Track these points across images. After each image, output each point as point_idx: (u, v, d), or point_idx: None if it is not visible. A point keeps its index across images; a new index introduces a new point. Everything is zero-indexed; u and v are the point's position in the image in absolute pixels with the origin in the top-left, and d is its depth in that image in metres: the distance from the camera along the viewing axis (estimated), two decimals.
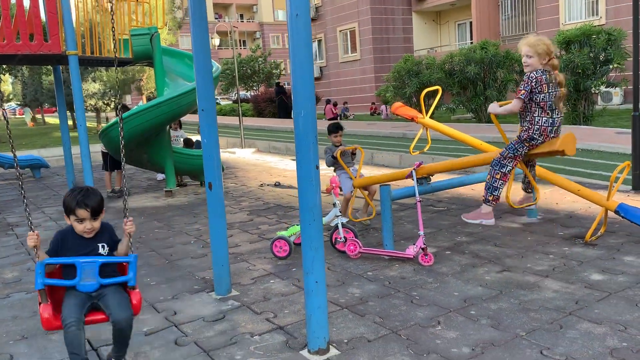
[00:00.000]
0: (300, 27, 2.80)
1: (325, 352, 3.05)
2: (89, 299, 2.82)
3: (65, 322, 2.70)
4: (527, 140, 4.23)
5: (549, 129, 4.14)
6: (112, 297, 2.83)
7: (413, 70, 16.96)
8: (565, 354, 2.90)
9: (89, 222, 2.88)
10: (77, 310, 2.76)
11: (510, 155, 4.25)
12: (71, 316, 2.71)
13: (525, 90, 4.13)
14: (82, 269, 2.77)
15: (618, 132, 10.76)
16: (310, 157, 2.92)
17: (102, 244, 2.96)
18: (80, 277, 2.77)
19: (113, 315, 2.78)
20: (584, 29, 12.72)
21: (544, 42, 4.22)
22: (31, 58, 7.90)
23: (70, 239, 2.92)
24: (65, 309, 2.76)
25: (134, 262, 2.91)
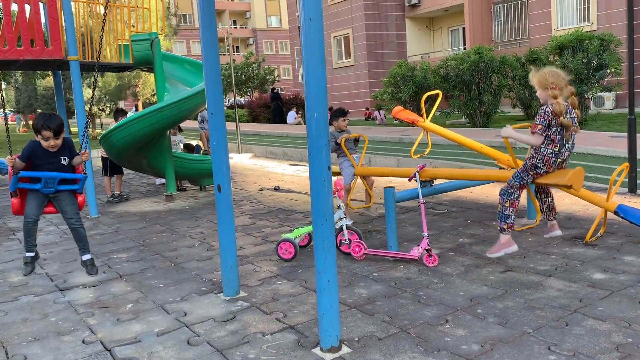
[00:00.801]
0: (314, 30, 2.86)
1: (337, 350, 3.10)
2: (47, 198, 4.15)
3: (27, 217, 4.05)
4: (531, 168, 4.19)
5: (552, 159, 4.09)
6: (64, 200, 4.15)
7: (408, 76, 17.11)
8: (572, 349, 2.97)
9: (52, 140, 3.92)
10: (37, 208, 4.10)
11: (516, 184, 4.24)
12: (32, 213, 4.07)
13: (543, 125, 4.04)
14: (45, 180, 4.01)
15: (612, 135, 10.91)
16: (323, 158, 2.98)
17: (63, 156, 4.12)
18: (44, 184, 4.02)
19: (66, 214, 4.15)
20: (577, 35, 12.92)
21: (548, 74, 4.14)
22: (32, 63, 7.93)
23: (39, 151, 4.00)
24: (28, 205, 4.06)
25: (83, 179, 4.20)
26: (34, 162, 4.09)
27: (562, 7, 21.02)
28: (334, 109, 6.19)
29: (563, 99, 4.18)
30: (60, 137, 3.98)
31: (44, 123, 3.88)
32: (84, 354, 3.29)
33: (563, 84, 4.10)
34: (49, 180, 4.01)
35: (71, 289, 4.55)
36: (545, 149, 4.10)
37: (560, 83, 4.09)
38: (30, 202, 4.11)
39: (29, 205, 4.11)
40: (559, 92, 4.08)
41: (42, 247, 6.08)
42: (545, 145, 4.10)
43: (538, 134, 4.07)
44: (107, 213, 8.08)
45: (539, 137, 4.08)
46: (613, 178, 4.75)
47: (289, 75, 54.38)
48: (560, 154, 4.09)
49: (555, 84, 4.07)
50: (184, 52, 55.25)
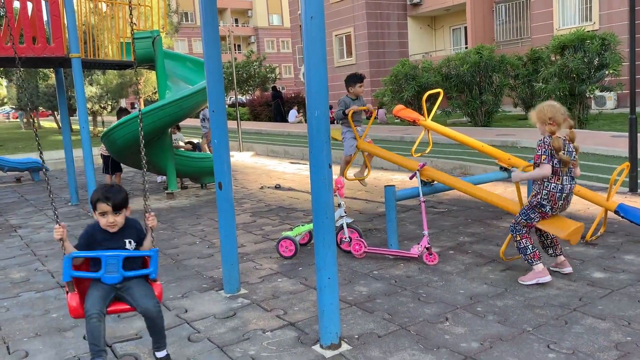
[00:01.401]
0: (315, 29, 2.87)
1: (337, 347, 3.12)
2: (113, 291, 2.98)
3: (88, 313, 2.86)
4: (537, 206, 4.14)
5: (557, 195, 4.04)
6: (137, 289, 2.99)
7: (410, 75, 17.10)
8: (572, 347, 2.98)
9: (111, 216, 3.00)
10: (99, 302, 2.91)
11: (523, 222, 4.20)
12: (94, 308, 2.87)
13: (547, 155, 4.02)
14: (107, 262, 2.93)
15: (613, 135, 10.90)
16: (324, 156, 3.00)
17: (128, 239, 3.09)
18: (105, 270, 2.94)
19: (140, 305, 2.95)
20: (579, 34, 12.90)
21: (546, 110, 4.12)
22: (34, 61, 7.94)
23: (98, 234, 3.06)
24: (88, 301, 2.92)
25: (155, 256, 3.04)
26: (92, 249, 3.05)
27: (564, 6, 20.99)
28: (351, 74, 5.96)
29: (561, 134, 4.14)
30: (121, 213, 3.04)
31: (102, 195, 3.01)
32: (85, 349, 3.30)
33: (561, 119, 4.06)
34: (112, 261, 2.94)
35: None
36: (548, 183, 4.02)
37: (558, 118, 4.04)
38: (92, 295, 2.96)
39: (90, 299, 2.94)
40: (557, 127, 4.05)
41: (43, 244, 6.11)
42: (549, 180, 4.03)
43: (545, 164, 4.00)
44: None
45: (546, 167, 3.97)
46: (613, 177, 4.75)
47: (290, 74, 54.37)
48: (564, 188, 4.03)
49: (553, 120, 4.03)
50: (185, 50, 55.24)
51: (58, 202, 9.04)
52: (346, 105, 5.81)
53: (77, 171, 9.74)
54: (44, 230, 6.88)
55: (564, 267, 4.21)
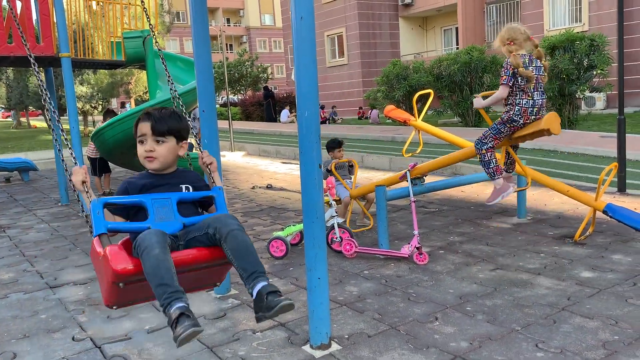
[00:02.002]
0: (305, 29, 2.87)
1: (327, 347, 3.12)
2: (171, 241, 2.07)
3: (144, 244, 1.93)
4: (508, 121, 4.25)
5: (530, 110, 4.16)
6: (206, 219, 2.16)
7: (401, 75, 17.15)
8: (560, 347, 3.00)
9: (150, 141, 2.19)
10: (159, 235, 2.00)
11: (491, 134, 4.28)
12: (152, 238, 1.96)
13: (507, 75, 4.16)
14: (154, 206, 2.10)
15: (602, 135, 10.99)
16: (313, 156, 3.00)
17: (186, 185, 2.31)
18: (155, 216, 2.11)
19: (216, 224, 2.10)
20: (568, 35, 12.99)
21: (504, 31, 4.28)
22: (24, 60, 7.88)
23: (144, 184, 2.22)
24: (140, 236, 1.99)
25: (221, 194, 2.31)
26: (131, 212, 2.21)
27: (554, 7, 21.13)
28: (329, 140, 6.13)
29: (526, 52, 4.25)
30: (165, 143, 2.23)
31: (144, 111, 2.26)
32: (73, 351, 3.29)
33: (522, 39, 4.20)
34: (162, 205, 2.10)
35: (61, 287, 4.54)
36: (520, 99, 4.16)
37: (518, 38, 4.18)
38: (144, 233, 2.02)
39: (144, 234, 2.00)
40: (517, 47, 4.18)
41: (32, 245, 6.07)
42: (519, 97, 4.16)
43: (503, 84, 4.16)
44: None
45: (503, 88, 4.18)
46: (602, 177, 4.79)
47: (282, 74, 54.34)
48: (535, 103, 4.15)
49: (511, 39, 4.17)
50: (177, 49, 55.04)
51: (47, 202, 8.98)
52: (327, 164, 5.92)
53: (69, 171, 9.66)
54: (33, 230, 6.83)
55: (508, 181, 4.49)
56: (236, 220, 2.16)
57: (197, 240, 2.15)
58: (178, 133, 2.25)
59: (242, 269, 2.12)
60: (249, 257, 2.12)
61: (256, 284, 2.11)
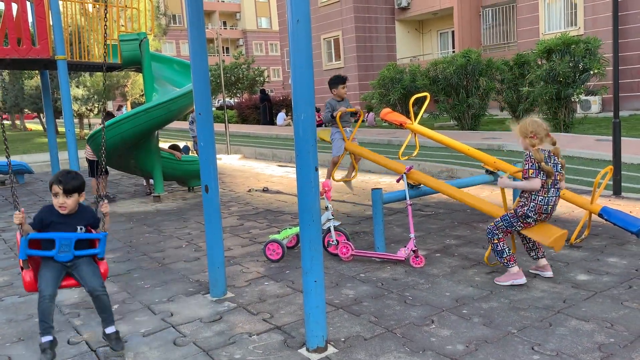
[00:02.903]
0: (301, 32, 2.88)
1: (323, 350, 3.12)
2: (64, 269, 3.30)
3: (42, 293, 3.18)
4: (522, 217, 4.18)
5: (544, 207, 4.11)
6: (85, 268, 3.32)
7: (396, 78, 17.18)
8: (555, 349, 3.00)
9: (62, 197, 3.26)
10: (52, 284, 3.22)
11: (503, 227, 4.21)
12: (47, 290, 3.19)
13: (534, 169, 4.07)
14: (60, 243, 3.24)
15: (597, 139, 11.03)
16: (310, 159, 3.00)
17: (80, 226, 3.38)
18: (58, 249, 3.24)
19: (87, 284, 3.28)
20: (564, 38, 13.05)
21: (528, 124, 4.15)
22: (19, 62, 7.86)
23: (52, 216, 3.33)
24: (42, 281, 3.23)
25: (104, 238, 3.40)
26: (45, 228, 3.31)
27: (550, 11, 21.24)
28: (333, 76, 6.07)
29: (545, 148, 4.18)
30: (72, 197, 3.27)
31: (57, 177, 3.29)
32: (69, 354, 3.28)
33: (543, 134, 4.11)
34: (64, 242, 3.22)
35: None
36: (536, 196, 4.06)
37: (540, 133, 4.09)
38: (44, 274, 3.25)
39: (43, 278, 3.23)
40: (538, 141, 4.10)
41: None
42: (537, 192, 4.07)
43: (534, 178, 4.04)
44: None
45: (536, 181, 4.01)
46: (597, 181, 4.81)
47: (278, 77, 54.36)
48: (549, 201, 4.08)
49: (534, 133, 4.08)
50: (173, 52, 55.04)
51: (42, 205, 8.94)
52: (333, 108, 5.84)
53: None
54: None
55: (545, 271, 4.24)
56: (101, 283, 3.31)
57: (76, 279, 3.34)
58: (78, 190, 3.31)
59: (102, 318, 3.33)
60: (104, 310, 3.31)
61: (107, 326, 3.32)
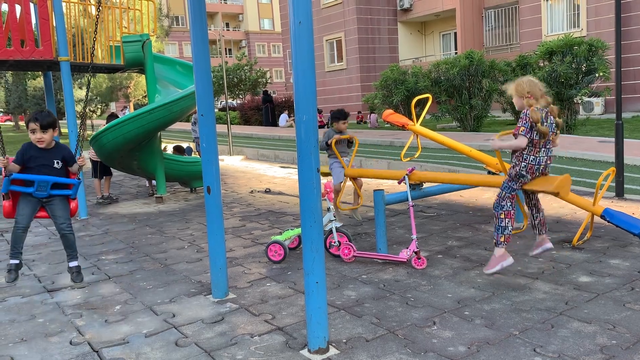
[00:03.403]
0: (303, 34, 2.88)
1: (325, 351, 3.12)
2: (39, 203, 4.05)
3: (18, 224, 3.96)
4: (516, 177, 4.24)
5: (535, 167, 4.15)
6: (57, 206, 4.06)
7: (399, 79, 17.18)
8: (557, 351, 3.00)
9: (39, 133, 3.86)
10: (28, 217, 4.01)
11: (506, 194, 4.28)
12: (23, 222, 3.98)
13: (525, 127, 4.10)
14: (39, 183, 3.91)
15: (600, 140, 11.02)
16: (312, 160, 3.00)
17: (56, 160, 4.03)
18: (36, 188, 3.94)
19: (57, 222, 4.07)
20: (567, 40, 13.04)
21: (524, 83, 4.21)
22: (23, 64, 7.89)
23: (32, 151, 3.94)
24: (19, 212, 3.98)
25: (77, 185, 4.10)
26: (27, 166, 4.02)
27: (552, 13, 21.22)
28: (335, 110, 6.24)
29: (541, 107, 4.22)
30: (48, 132, 3.93)
31: (33, 116, 3.91)
32: (71, 355, 3.28)
33: (539, 94, 4.16)
34: (42, 183, 3.90)
35: (59, 290, 4.53)
36: (527, 155, 4.14)
37: (536, 93, 4.14)
38: (22, 208, 4.02)
39: (21, 212, 4.02)
40: (535, 101, 4.13)
41: (31, 249, 6.06)
42: (527, 151, 4.14)
43: (522, 135, 4.11)
44: (97, 214, 8.04)
45: (522, 139, 4.12)
46: (599, 182, 4.80)
47: (281, 78, 54.43)
48: (541, 160, 4.14)
49: (531, 93, 4.12)
50: (176, 54, 55.14)
51: None
52: (329, 137, 5.94)
53: None
54: (30, 234, 6.81)
55: (545, 244, 4.40)
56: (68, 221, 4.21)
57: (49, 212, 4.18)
58: (52, 125, 3.99)
59: (66, 253, 4.32)
60: (69, 246, 4.29)
61: (70, 261, 4.34)
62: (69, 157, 4.13)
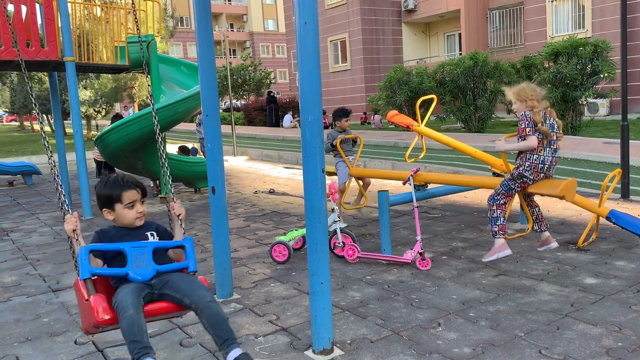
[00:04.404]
0: (309, 34, 2.88)
1: (329, 352, 3.11)
2: (146, 288, 2.45)
3: (121, 305, 2.29)
4: (518, 177, 4.28)
5: (540, 166, 4.19)
6: (180, 281, 2.48)
7: (403, 80, 17.17)
8: (563, 353, 2.99)
9: (140, 205, 2.60)
10: (134, 294, 2.36)
11: (503, 192, 4.34)
12: (128, 299, 2.31)
13: (530, 127, 4.16)
14: (132, 254, 2.41)
15: (605, 142, 10.98)
16: (317, 161, 3.00)
17: (151, 232, 2.66)
18: (133, 263, 2.40)
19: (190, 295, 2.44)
20: (572, 41, 13.00)
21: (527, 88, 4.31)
22: (28, 64, 7.91)
23: (114, 235, 2.60)
24: (119, 295, 2.38)
25: (191, 244, 2.61)
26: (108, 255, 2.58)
27: (557, 13, 21.16)
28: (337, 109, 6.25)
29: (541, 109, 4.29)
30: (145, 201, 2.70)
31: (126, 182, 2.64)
32: (76, 354, 3.29)
33: (539, 98, 4.26)
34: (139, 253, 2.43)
35: (64, 290, 4.54)
36: (531, 155, 4.20)
37: (537, 96, 4.24)
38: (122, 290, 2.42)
39: (122, 293, 2.39)
40: (537, 103, 4.23)
41: (35, 248, 6.07)
42: (531, 152, 4.19)
43: (530, 135, 4.16)
44: (101, 215, 8.04)
45: (532, 139, 4.18)
46: (605, 184, 4.78)
47: (285, 79, 54.46)
48: (545, 160, 4.18)
49: (533, 97, 4.21)
50: (180, 54, 55.23)
51: (50, 206, 9.00)
52: (333, 137, 5.95)
53: (70, 175, 9.72)
54: (35, 234, 6.84)
55: (550, 243, 4.37)
56: (209, 292, 2.51)
57: (171, 297, 2.50)
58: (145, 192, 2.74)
59: (217, 337, 2.46)
60: (222, 326, 2.45)
61: (230, 350, 2.45)
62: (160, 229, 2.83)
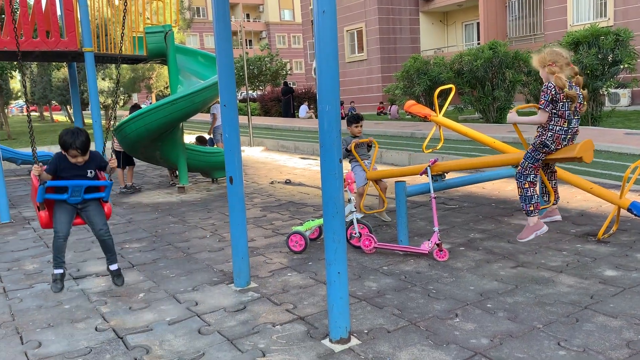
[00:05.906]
0: (327, 23, 2.87)
1: (346, 341, 3.12)
2: (75, 210, 4.08)
3: (58, 234, 3.98)
4: (540, 146, 4.20)
5: (562, 136, 4.09)
6: (92, 211, 4.11)
7: (422, 70, 17.01)
8: (582, 345, 2.96)
9: (80, 157, 3.94)
10: (67, 224, 4.02)
11: (530, 164, 4.24)
12: (62, 231, 3.99)
13: (545, 100, 4.07)
14: (72, 189, 3.97)
15: (627, 132, 10.78)
16: (334, 151, 2.99)
17: (90, 170, 4.05)
18: (70, 194, 3.97)
19: (94, 227, 4.11)
20: (593, 30, 12.75)
21: (546, 53, 4.19)
22: (48, 54, 8.00)
23: (65, 163, 3.97)
24: (57, 221, 3.99)
25: (109, 186, 4.16)
26: (60, 176, 4.01)
27: (578, 2, 20.78)
28: (349, 115, 6.22)
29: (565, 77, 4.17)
30: (87, 153, 3.96)
31: (72, 142, 3.85)
32: (96, 340, 3.35)
33: (563, 62, 4.11)
34: (76, 188, 3.95)
35: (84, 278, 4.62)
36: (554, 125, 4.09)
37: (559, 61, 4.10)
38: (59, 217, 4.01)
39: (59, 221, 4.00)
40: (558, 69, 4.10)
41: None
42: (554, 122, 4.09)
43: (542, 109, 4.08)
44: (120, 204, 8.15)
45: (543, 114, 4.09)
46: (627, 175, 4.71)
47: (301, 69, 54.33)
48: (569, 130, 4.08)
49: (552, 61, 4.09)
50: (197, 45, 55.41)
51: None
52: (347, 143, 5.93)
53: None
54: None
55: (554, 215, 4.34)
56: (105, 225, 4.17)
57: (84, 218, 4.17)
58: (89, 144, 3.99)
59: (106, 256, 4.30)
60: (108, 250, 4.26)
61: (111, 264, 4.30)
62: (103, 165, 4.15)
